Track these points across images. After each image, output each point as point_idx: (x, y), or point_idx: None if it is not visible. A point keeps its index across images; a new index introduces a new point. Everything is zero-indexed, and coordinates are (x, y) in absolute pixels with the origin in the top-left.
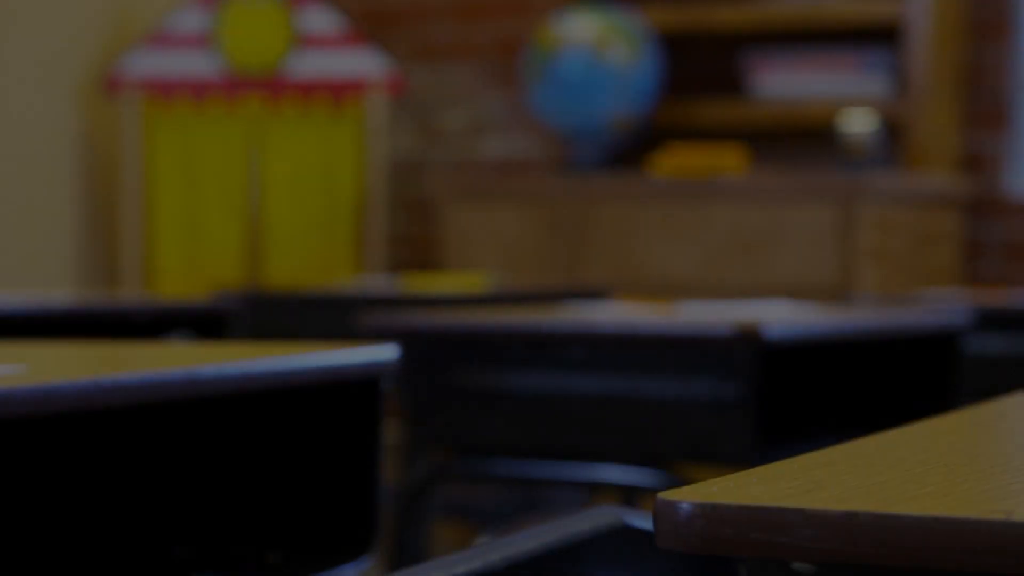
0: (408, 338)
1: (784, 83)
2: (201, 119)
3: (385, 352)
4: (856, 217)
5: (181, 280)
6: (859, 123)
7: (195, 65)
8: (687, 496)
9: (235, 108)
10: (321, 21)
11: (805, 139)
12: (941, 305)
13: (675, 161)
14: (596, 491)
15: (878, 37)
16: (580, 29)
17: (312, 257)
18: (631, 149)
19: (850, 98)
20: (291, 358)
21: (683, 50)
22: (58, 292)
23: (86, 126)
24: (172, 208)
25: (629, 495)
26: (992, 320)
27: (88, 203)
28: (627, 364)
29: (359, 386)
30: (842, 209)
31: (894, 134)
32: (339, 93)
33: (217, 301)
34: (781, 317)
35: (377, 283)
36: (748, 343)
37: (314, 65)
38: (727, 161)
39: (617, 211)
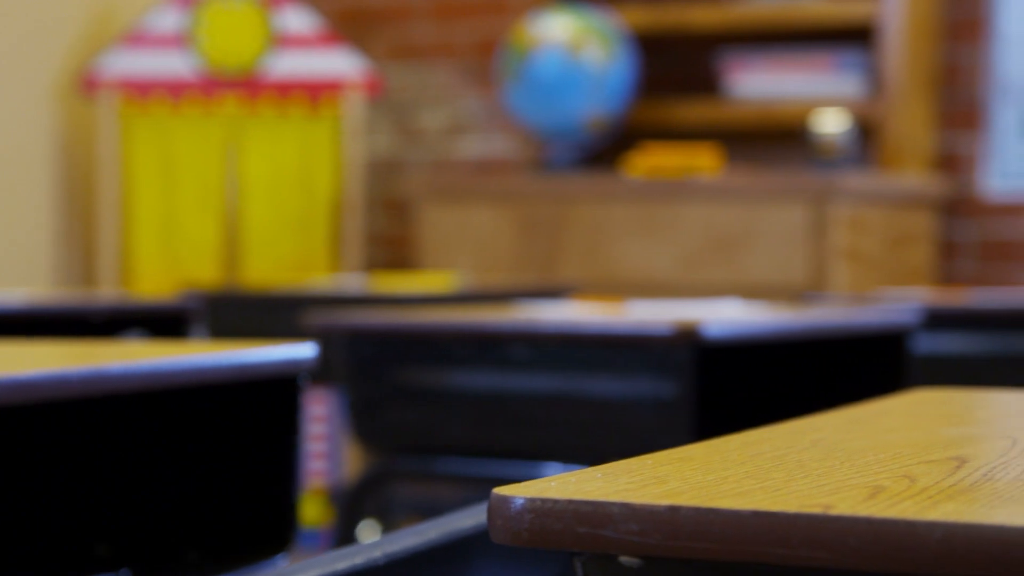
0: (354, 337)
1: (759, 83)
2: (178, 119)
3: (303, 350)
4: (828, 217)
5: (159, 279)
6: (832, 123)
7: (172, 65)
8: (520, 491)
9: (212, 108)
10: (298, 21)
11: (780, 139)
12: (893, 304)
13: (650, 161)
14: None
15: (852, 37)
16: (555, 29)
17: (289, 256)
18: (606, 149)
19: (824, 98)
20: (204, 356)
21: (658, 50)
22: (23, 291)
23: (63, 126)
24: (149, 208)
25: None
26: (945, 320)
27: (65, 203)
28: (570, 363)
29: (278, 384)
30: (814, 209)
31: (868, 134)
32: (316, 93)
33: (178, 301)
34: (723, 317)
35: (344, 283)
36: (687, 342)
37: (291, 65)
38: (701, 161)
39: (592, 211)
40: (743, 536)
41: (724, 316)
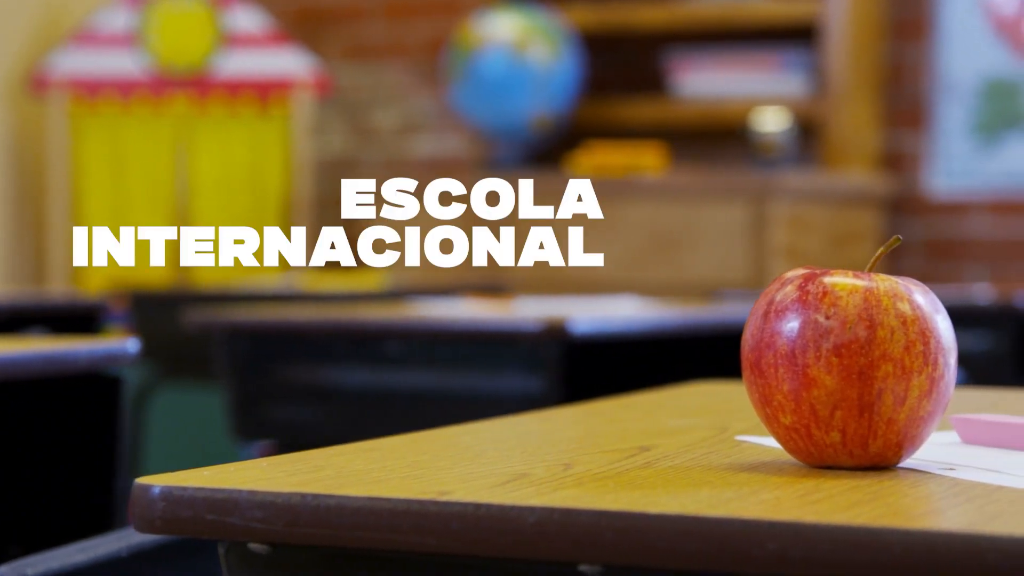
0: (233, 334)
1: (704, 82)
2: (128, 118)
3: (124, 345)
4: (767, 215)
5: (108, 278)
6: (772, 122)
7: (122, 64)
8: (159, 480)
9: (162, 107)
10: (248, 21)
11: (725, 138)
12: None
13: (595, 160)
14: None
15: (797, 36)
16: (500, 29)
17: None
18: (551, 148)
19: (769, 97)
20: (15, 351)
21: (603, 49)
22: None
23: (13, 125)
24: (99, 206)
25: None
26: None
27: (15, 202)
28: (443, 360)
29: (97, 378)
30: (755, 207)
31: (813, 133)
32: (266, 92)
33: (90, 299)
34: (594, 314)
35: (272, 282)
36: (554, 338)
37: (241, 64)
38: (646, 160)
39: None
40: (356, 523)
41: (597, 313)
